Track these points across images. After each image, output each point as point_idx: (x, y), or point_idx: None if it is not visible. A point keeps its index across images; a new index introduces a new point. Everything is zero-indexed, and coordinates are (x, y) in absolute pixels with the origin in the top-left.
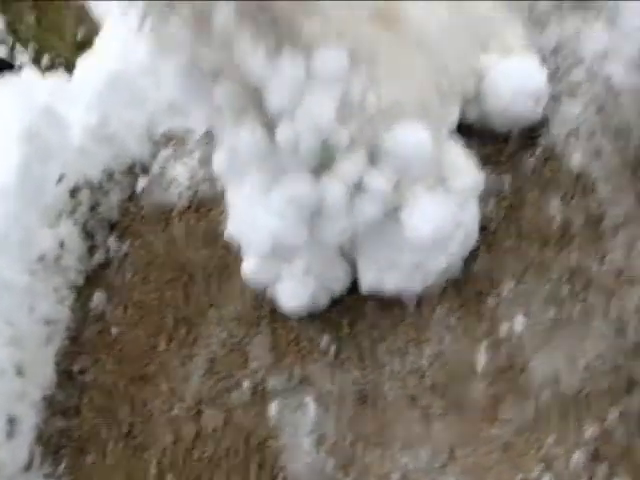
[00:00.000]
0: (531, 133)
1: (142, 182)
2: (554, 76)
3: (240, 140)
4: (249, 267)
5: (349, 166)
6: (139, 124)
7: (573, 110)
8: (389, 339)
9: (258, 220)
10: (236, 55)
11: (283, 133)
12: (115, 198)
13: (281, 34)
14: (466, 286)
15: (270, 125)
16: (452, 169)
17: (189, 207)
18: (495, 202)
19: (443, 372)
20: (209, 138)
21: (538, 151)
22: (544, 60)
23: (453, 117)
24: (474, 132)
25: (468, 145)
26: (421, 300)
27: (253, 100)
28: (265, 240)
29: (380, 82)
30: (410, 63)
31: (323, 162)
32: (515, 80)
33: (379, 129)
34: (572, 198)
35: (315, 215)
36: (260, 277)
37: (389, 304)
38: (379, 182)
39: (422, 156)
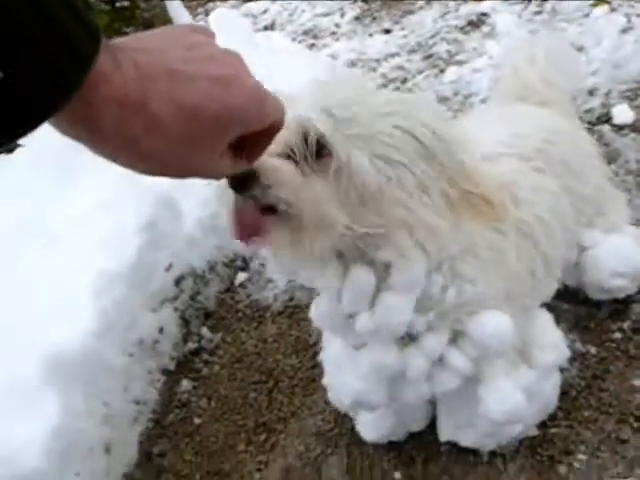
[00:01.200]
0: (623, 304)
1: (241, 276)
2: None
3: (320, 308)
4: (332, 397)
5: (432, 343)
6: None
7: None
8: None
9: (343, 376)
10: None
11: (361, 323)
12: (214, 289)
13: (354, 256)
14: (540, 448)
15: None
16: (537, 344)
17: (283, 311)
18: (578, 369)
19: None
20: None
21: (627, 323)
22: None
23: (548, 294)
24: (569, 292)
25: (560, 305)
26: (495, 453)
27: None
28: (347, 396)
29: (464, 277)
30: (503, 255)
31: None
32: (614, 259)
33: (459, 317)
34: None
35: (396, 379)
36: (342, 407)
37: (464, 450)
38: (460, 361)
39: (503, 341)
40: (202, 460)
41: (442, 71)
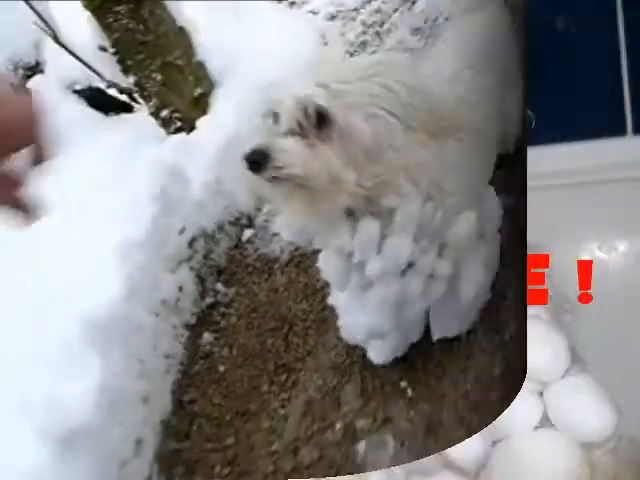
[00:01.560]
0: None
1: (247, 233)
2: None
3: (326, 264)
4: (345, 335)
5: (425, 263)
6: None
7: None
8: (449, 373)
9: (355, 314)
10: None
11: (371, 268)
12: (224, 246)
13: (362, 210)
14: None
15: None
16: (485, 218)
17: (290, 261)
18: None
19: (480, 391)
20: None
21: None
22: None
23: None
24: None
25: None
26: (470, 331)
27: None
28: (361, 332)
29: (446, 193)
30: (462, 157)
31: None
32: None
33: (442, 231)
34: None
35: (399, 304)
36: (354, 341)
37: (452, 340)
38: (446, 269)
39: (473, 236)
40: (230, 403)
41: (414, 3)
